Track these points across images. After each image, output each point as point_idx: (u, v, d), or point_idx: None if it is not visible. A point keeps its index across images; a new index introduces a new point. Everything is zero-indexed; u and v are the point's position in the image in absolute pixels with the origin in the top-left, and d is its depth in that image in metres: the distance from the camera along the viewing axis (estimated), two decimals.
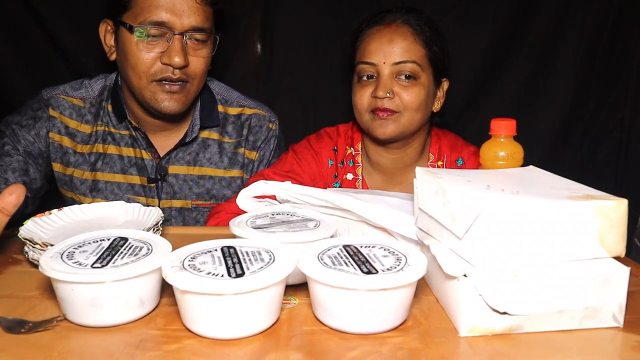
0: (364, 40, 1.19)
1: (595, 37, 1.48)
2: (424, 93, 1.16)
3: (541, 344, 0.58)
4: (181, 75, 1.12)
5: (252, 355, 0.55)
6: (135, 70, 1.12)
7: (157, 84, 1.12)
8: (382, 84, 1.13)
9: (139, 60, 1.11)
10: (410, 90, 1.14)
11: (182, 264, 0.59)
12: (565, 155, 1.55)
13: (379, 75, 1.15)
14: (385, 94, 1.13)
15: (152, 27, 1.09)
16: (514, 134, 0.83)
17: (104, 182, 1.24)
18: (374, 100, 1.15)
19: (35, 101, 1.22)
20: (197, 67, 1.14)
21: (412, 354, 0.55)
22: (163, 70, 1.11)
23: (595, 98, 1.52)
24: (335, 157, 1.27)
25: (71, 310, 0.60)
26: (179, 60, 1.09)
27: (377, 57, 1.14)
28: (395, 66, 1.14)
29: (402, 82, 1.14)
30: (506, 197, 0.59)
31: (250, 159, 1.29)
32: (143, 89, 1.13)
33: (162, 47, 1.10)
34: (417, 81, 1.15)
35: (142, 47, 1.10)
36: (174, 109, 1.14)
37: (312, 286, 0.60)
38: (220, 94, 1.31)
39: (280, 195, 0.86)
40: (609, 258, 0.61)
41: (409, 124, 1.16)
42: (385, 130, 1.15)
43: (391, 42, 1.14)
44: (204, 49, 1.15)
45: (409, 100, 1.14)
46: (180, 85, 1.13)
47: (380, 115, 1.14)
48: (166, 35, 1.10)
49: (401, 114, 1.14)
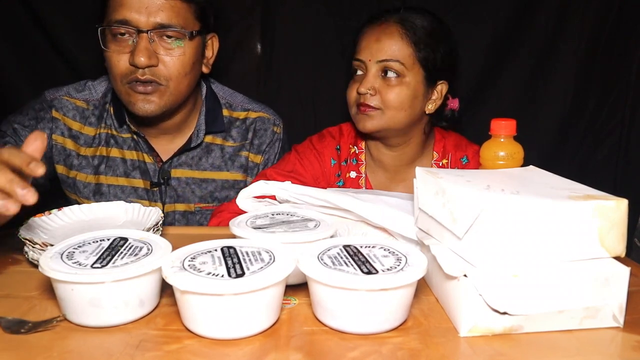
0: (359, 38, 1.21)
1: (595, 37, 1.48)
2: (408, 93, 1.16)
3: (541, 344, 0.58)
4: (150, 76, 1.08)
5: (252, 355, 0.55)
6: (111, 74, 1.11)
7: (129, 86, 1.09)
8: (366, 81, 1.15)
9: (111, 62, 1.09)
10: (393, 89, 1.15)
11: (182, 264, 0.59)
12: (565, 155, 1.55)
13: (366, 72, 1.17)
14: (366, 90, 1.15)
15: (116, 25, 1.06)
16: (514, 134, 0.83)
17: (107, 186, 1.23)
18: (358, 96, 1.17)
19: (38, 102, 1.21)
20: (172, 68, 1.10)
21: (412, 354, 0.55)
22: (131, 70, 1.08)
23: (595, 98, 1.52)
24: (338, 156, 1.28)
25: (71, 311, 0.60)
26: (144, 60, 1.05)
27: (365, 54, 1.17)
28: (380, 64, 1.15)
29: (387, 81, 1.16)
30: (506, 197, 0.59)
31: (255, 162, 1.28)
32: (120, 92, 1.11)
33: (130, 47, 1.07)
34: (401, 79, 1.15)
35: (112, 49, 1.08)
36: (149, 111, 1.10)
37: (312, 286, 0.60)
38: (225, 97, 1.29)
39: (280, 196, 0.86)
40: (609, 258, 0.61)
41: (391, 122, 1.17)
42: (365, 124, 1.17)
43: (378, 41, 1.16)
44: (179, 48, 1.10)
45: (389, 98, 1.15)
46: (152, 86, 1.09)
47: (362, 110, 1.16)
48: (133, 35, 1.07)
49: (382, 112, 1.16)
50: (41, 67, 1.48)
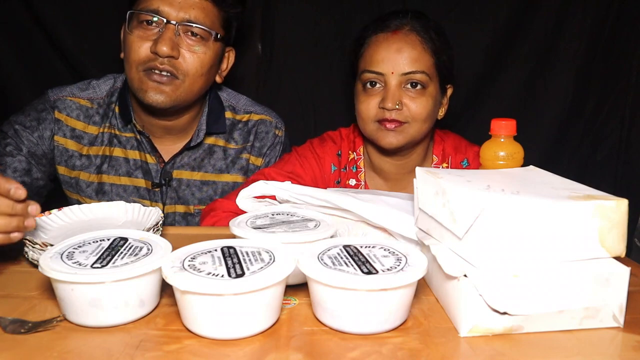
0: (369, 48, 1.15)
1: (595, 37, 1.48)
2: (432, 102, 1.13)
3: (541, 344, 0.58)
4: (168, 66, 1.09)
5: (252, 355, 0.55)
6: (128, 60, 1.11)
7: (144, 73, 1.10)
8: (391, 95, 1.10)
9: (131, 48, 1.10)
10: (419, 101, 1.11)
11: (182, 264, 0.59)
12: (565, 155, 1.55)
13: (386, 85, 1.11)
14: (394, 105, 1.09)
15: (146, 13, 1.08)
16: (514, 134, 0.83)
17: (109, 185, 1.23)
18: (381, 111, 1.11)
19: (40, 102, 1.21)
20: (190, 64, 1.11)
21: (412, 354, 0.55)
22: (151, 58, 1.09)
23: (595, 98, 1.52)
24: (339, 162, 1.25)
25: (71, 311, 0.60)
26: (166, 49, 1.07)
27: (385, 67, 1.11)
28: (404, 76, 1.10)
29: (410, 92, 1.11)
30: (506, 197, 0.59)
31: (255, 165, 1.28)
32: (133, 79, 1.12)
33: (155, 36, 1.09)
34: (425, 90, 1.12)
35: (136, 35, 1.10)
36: (159, 101, 1.11)
37: (312, 286, 0.60)
38: (228, 100, 1.30)
39: (280, 195, 0.86)
40: (609, 258, 0.61)
41: (416, 134, 1.13)
42: (392, 140, 1.12)
43: (399, 51, 1.11)
44: (201, 47, 1.12)
45: (417, 111, 1.11)
46: (167, 77, 1.10)
47: (387, 126, 1.11)
48: (160, 25, 1.09)
49: (409, 125, 1.12)
50: (41, 67, 1.48)
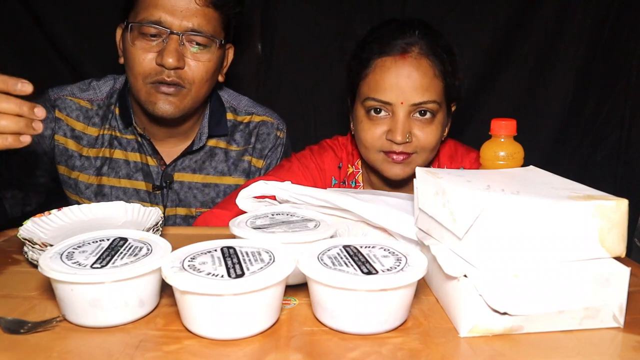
0: (375, 72, 1.05)
1: (595, 37, 1.48)
2: (440, 129, 1.07)
3: (541, 345, 0.58)
4: (175, 78, 1.09)
5: (252, 355, 0.55)
6: (132, 72, 1.10)
7: (152, 86, 1.10)
8: (401, 128, 1.02)
9: (135, 61, 1.09)
10: (428, 130, 1.05)
11: (181, 265, 0.59)
12: (565, 155, 1.55)
13: (394, 115, 1.04)
14: (404, 139, 1.02)
15: (149, 25, 1.07)
16: (514, 134, 0.83)
17: (109, 187, 1.22)
18: (388, 143, 1.05)
19: (40, 100, 1.19)
20: (196, 73, 1.11)
21: (412, 355, 0.55)
22: (158, 71, 1.08)
23: (595, 98, 1.52)
24: (339, 176, 1.21)
25: (71, 311, 0.60)
26: (172, 61, 1.06)
27: (394, 96, 1.02)
28: (414, 106, 1.03)
29: (419, 122, 1.05)
30: (506, 197, 0.59)
31: (257, 167, 1.28)
32: (139, 90, 1.11)
33: (158, 47, 1.08)
34: (434, 118, 1.05)
35: (139, 47, 1.08)
36: (168, 112, 1.11)
37: (312, 286, 0.60)
38: (229, 101, 1.29)
39: (280, 196, 0.86)
40: (609, 258, 0.61)
41: (423, 164, 1.09)
42: (399, 172, 1.07)
43: (409, 78, 1.02)
44: (206, 54, 1.12)
45: (426, 141, 1.05)
46: (175, 88, 1.10)
47: (395, 159, 1.05)
48: (163, 36, 1.08)
49: (417, 155, 1.06)
50: (42, 67, 1.48)
